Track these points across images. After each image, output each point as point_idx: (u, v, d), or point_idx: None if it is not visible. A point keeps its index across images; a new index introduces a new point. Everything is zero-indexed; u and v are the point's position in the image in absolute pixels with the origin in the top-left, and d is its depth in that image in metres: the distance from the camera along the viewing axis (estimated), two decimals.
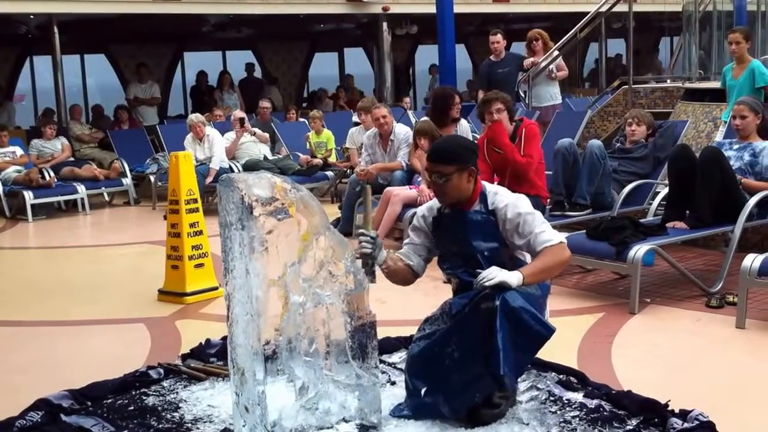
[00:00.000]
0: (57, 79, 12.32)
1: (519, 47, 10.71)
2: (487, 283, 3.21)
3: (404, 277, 3.65)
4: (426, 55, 18.47)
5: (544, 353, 3.65)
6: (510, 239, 3.44)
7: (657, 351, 4.33)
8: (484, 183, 3.58)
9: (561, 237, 3.43)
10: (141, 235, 8.48)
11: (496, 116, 5.99)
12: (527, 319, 3.18)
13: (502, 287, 3.20)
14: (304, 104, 17.69)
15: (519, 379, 3.59)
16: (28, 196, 9.56)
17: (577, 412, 3.38)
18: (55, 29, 11.94)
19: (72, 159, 11.02)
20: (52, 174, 10.12)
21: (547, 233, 3.38)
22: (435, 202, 3.63)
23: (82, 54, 17.70)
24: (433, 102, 7.67)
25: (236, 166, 9.86)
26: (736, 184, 5.46)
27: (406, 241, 3.73)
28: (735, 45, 7.12)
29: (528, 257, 3.51)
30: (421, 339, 3.43)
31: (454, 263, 3.54)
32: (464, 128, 7.38)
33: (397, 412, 3.40)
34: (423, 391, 3.34)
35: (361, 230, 3.51)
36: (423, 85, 19.49)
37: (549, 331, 3.23)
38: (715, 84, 8.06)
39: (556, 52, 9.50)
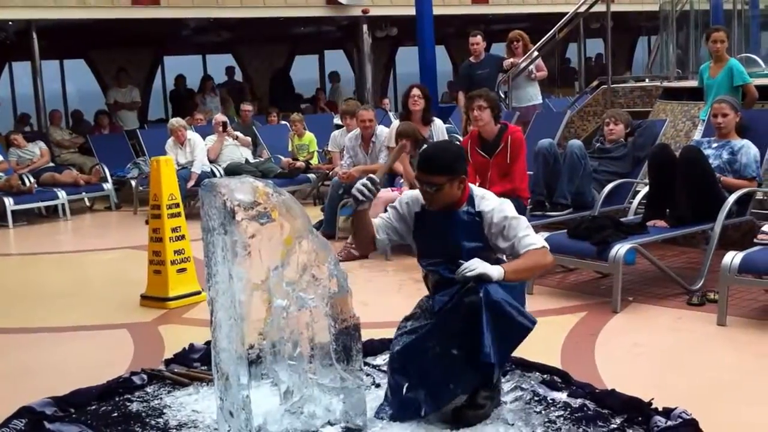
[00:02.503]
0: (36, 85, 12.22)
1: (499, 48, 10.73)
2: (468, 274, 3.23)
3: (366, 241, 3.60)
4: (407, 58, 18.45)
5: (528, 353, 3.68)
6: (494, 242, 3.46)
7: (639, 349, 4.36)
8: (471, 186, 3.58)
9: (545, 243, 3.46)
10: (122, 240, 8.43)
11: (476, 113, 6.05)
12: (510, 311, 3.21)
13: (482, 279, 3.22)
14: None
15: (503, 380, 3.61)
16: (9, 202, 9.50)
17: (562, 412, 3.40)
18: (34, 35, 11.84)
19: (52, 165, 10.95)
20: (32, 180, 10.06)
21: (531, 237, 3.42)
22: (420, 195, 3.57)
23: (61, 59, 17.57)
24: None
25: (218, 169, 9.83)
26: (716, 182, 5.50)
27: (382, 214, 3.65)
28: (720, 43, 7.15)
29: None
30: (402, 335, 3.44)
31: (435, 259, 3.53)
32: (439, 128, 7.39)
33: (380, 412, 3.40)
34: (405, 387, 3.35)
35: (372, 176, 3.47)
36: (404, 88, 19.38)
37: (531, 322, 3.26)
38: (693, 83, 8.11)
39: (536, 53, 9.54)
